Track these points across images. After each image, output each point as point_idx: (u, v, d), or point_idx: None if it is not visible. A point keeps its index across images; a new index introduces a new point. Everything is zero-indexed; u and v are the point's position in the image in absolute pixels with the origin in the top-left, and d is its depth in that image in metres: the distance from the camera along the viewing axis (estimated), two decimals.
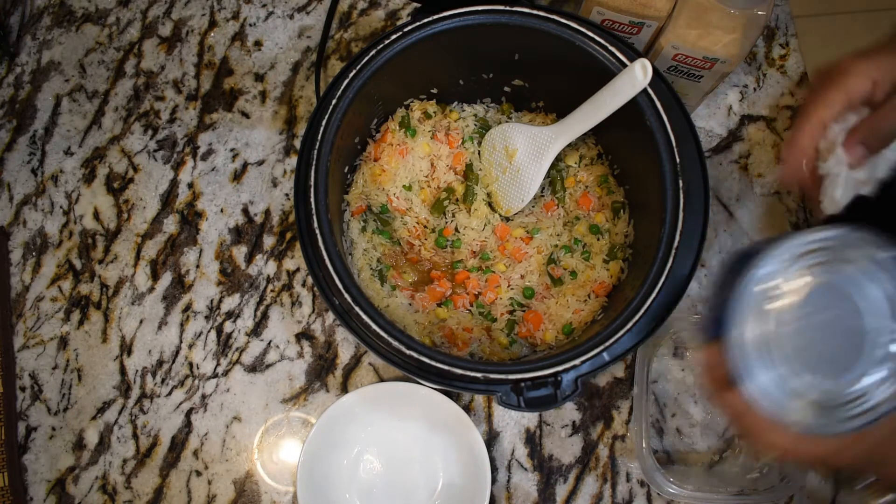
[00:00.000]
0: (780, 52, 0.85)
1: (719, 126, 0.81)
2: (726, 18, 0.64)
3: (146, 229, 0.80)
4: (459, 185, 0.73)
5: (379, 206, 0.71)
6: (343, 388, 0.74)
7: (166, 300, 0.77)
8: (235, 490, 0.72)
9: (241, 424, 0.74)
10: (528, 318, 0.67)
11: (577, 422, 0.73)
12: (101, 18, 0.88)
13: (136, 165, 0.82)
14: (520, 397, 0.53)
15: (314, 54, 0.85)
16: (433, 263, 0.72)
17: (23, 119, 0.85)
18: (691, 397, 0.72)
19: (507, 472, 0.72)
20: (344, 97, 0.59)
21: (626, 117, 0.60)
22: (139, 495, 0.72)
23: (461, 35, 0.62)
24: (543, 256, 0.70)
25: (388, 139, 0.71)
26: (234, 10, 0.88)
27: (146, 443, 0.73)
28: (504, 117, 0.75)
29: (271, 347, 0.76)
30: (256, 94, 0.84)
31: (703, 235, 0.58)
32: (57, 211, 0.81)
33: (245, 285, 0.77)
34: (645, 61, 0.57)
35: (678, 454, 0.71)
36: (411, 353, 0.53)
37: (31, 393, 0.75)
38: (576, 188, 0.72)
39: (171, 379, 0.75)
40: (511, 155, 0.70)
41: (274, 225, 0.80)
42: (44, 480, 0.73)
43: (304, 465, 0.67)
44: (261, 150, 0.82)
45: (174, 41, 0.87)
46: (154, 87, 0.85)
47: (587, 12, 0.70)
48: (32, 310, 0.78)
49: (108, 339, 0.77)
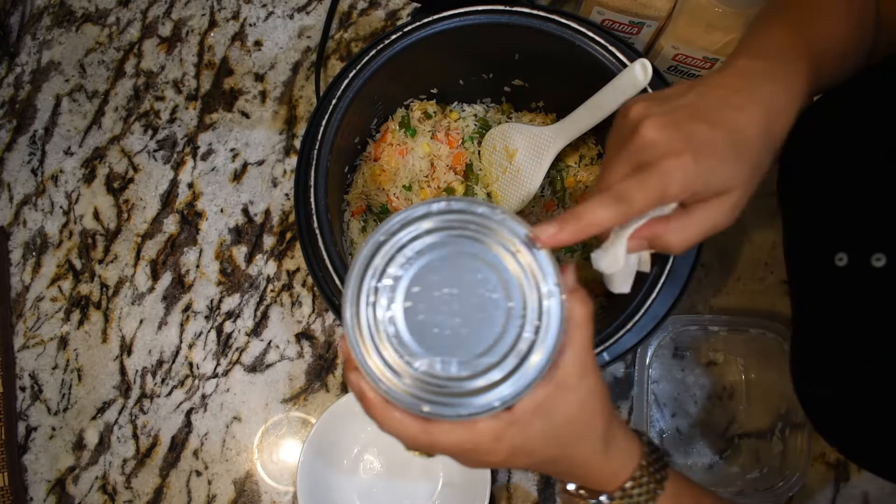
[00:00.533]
0: None
1: None
2: (726, 18, 0.64)
3: (146, 229, 0.80)
4: (459, 185, 0.73)
5: (379, 206, 0.71)
6: (343, 388, 0.74)
7: (166, 300, 0.77)
8: (235, 490, 0.72)
9: (241, 424, 0.74)
10: None
11: None
12: (101, 18, 0.88)
13: (136, 165, 0.82)
14: None
15: (314, 54, 0.85)
16: None
17: (23, 119, 0.85)
18: (691, 397, 0.72)
19: (507, 472, 0.72)
20: (344, 97, 0.59)
21: None
22: (139, 495, 0.72)
23: (461, 35, 0.62)
24: None
25: (388, 139, 0.71)
26: (234, 10, 0.88)
27: (146, 443, 0.73)
28: (504, 117, 0.75)
29: (271, 347, 0.76)
30: (256, 94, 0.84)
31: None
32: (57, 211, 0.81)
33: (245, 285, 0.77)
34: (645, 61, 0.57)
35: (678, 454, 0.71)
36: None
37: (31, 393, 0.75)
38: (576, 188, 0.72)
39: (171, 379, 0.75)
40: (511, 155, 0.70)
41: (274, 225, 0.80)
42: (44, 480, 0.73)
43: (304, 465, 0.67)
44: (261, 150, 0.82)
45: (174, 41, 0.87)
46: (154, 87, 0.85)
47: (587, 12, 0.70)
48: (32, 310, 0.78)
49: (108, 339, 0.77)
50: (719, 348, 0.73)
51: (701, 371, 0.72)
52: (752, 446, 0.70)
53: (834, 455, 0.71)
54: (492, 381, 0.37)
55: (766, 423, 0.70)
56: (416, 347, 0.38)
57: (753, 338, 0.71)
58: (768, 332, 0.70)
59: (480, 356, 0.37)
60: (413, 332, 0.38)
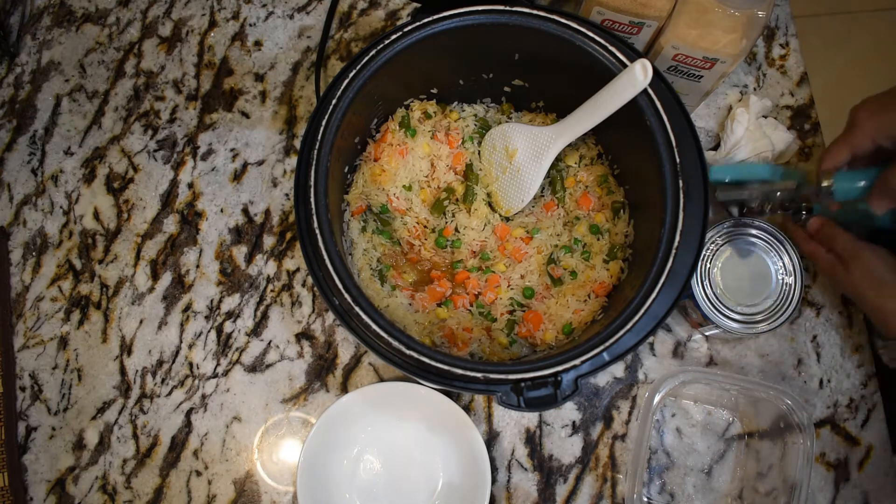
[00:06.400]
0: (780, 52, 0.85)
1: (719, 126, 0.81)
2: (726, 18, 0.64)
3: (146, 229, 0.80)
4: (459, 185, 0.73)
5: (379, 206, 0.71)
6: (343, 388, 0.74)
7: (166, 300, 0.77)
8: (235, 490, 0.72)
9: (241, 424, 0.74)
10: (528, 318, 0.67)
11: (577, 422, 0.73)
12: (101, 18, 0.88)
13: (136, 165, 0.82)
14: (520, 397, 0.53)
15: (314, 54, 0.85)
16: (433, 263, 0.72)
17: (23, 119, 0.85)
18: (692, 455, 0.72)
19: (507, 472, 0.72)
20: (344, 97, 0.59)
21: (627, 117, 0.60)
22: (139, 495, 0.72)
23: (461, 35, 0.62)
24: (543, 256, 0.70)
25: (388, 139, 0.71)
26: (234, 10, 0.88)
27: (146, 443, 0.73)
28: (504, 117, 0.75)
29: (271, 347, 0.76)
30: (256, 94, 0.84)
31: (702, 235, 0.57)
32: (57, 211, 0.81)
33: (245, 285, 0.77)
34: (645, 61, 0.57)
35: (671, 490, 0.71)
36: (411, 353, 0.53)
37: (31, 393, 0.75)
38: (576, 188, 0.72)
39: (171, 379, 0.75)
40: (511, 155, 0.70)
41: (274, 225, 0.80)
42: (44, 480, 0.73)
43: (304, 465, 0.67)
44: (261, 150, 0.82)
45: (174, 41, 0.87)
46: (154, 87, 0.85)
47: (587, 12, 0.70)
48: (32, 310, 0.78)
49: (108, 339, 0.77)
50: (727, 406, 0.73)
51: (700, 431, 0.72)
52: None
53: (834, 455, 0.71)
54: None
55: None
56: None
57: (764, 401, 0.69)
58: (783, 397, 0.66)
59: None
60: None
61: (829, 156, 0.63)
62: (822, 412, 0.72)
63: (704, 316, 0.68)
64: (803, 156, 0.80)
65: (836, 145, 0.63)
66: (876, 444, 0.71)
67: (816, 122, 0.82)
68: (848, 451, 0.71)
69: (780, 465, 0.67)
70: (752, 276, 0.69)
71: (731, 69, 0.69)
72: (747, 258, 0.69)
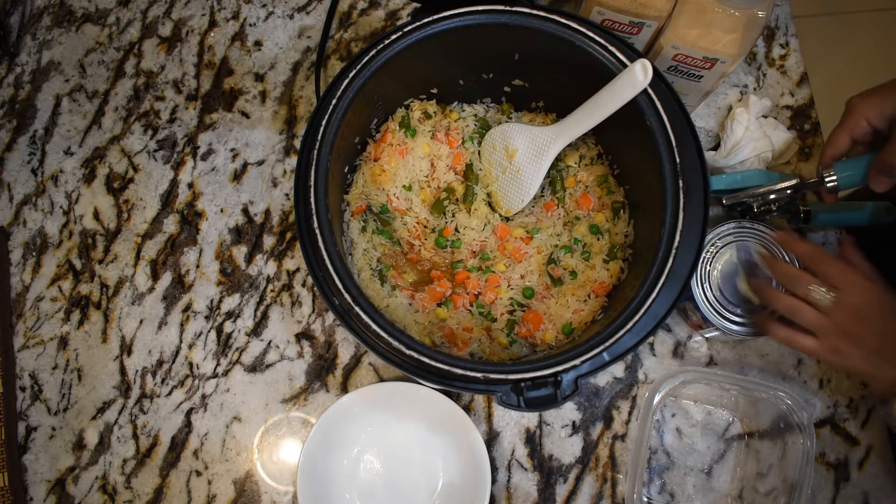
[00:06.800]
0: (780, 52, 0.85)
1: (719, 126, 0.81)
2: (726, 18, 0.64)
3: (146, 229, 0.80)
4: (459, 185, 0.73)
5: (379, 206, 0.71)
6: (343, 388, 0.74)
7: (166, 300, 0.77)
8: (235, 490, 0.72)
9: (241, 424, 0.74)
10: (528, 318, 0.67)
11: (577, 422, 0.73)
12: (101, 18, 0.88)
13: (136, 165, 0.82)
14: (520, 397, 0.53)
15: (314, 54, 0.85)
16: (433, 263, 0.72)
17: (23, 119, 0.85)
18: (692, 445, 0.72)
19: (507, 472, 0.72)
20: (344, 97, 0.59)
21: (627, 117, 0.60)
22: (139, 495, 0.72)
23: (461, 35, 0.62)
24: (543, 256, 0.70)
25: (388, 139, 0.71)
26: (234, 10, 0.88)
27: (146, 443, 0.73)
28: (504, 117, 0.75)
29: (271, 347, 0.76)
30: (256, 94, 0.84)
31: (702, 236, 0.57)
32: (57, 211, 0.81)
33: (245, 285, 0.77)
34: (645, 61, 0.57)
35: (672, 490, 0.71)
36: (411, 353, 0.53)
37: (31, 393, 0.75)
38: (576, 188, 0.72)
39: (171, 379, 0.75)
40: (511, 155, 0.70)
41: (274, 225, 0.80)
42: (44, 480, 0.73)
43: (304, 465, 0.67)
44: (261, 150, 0.82)
45: (174, 41, 0.87)
46: (154, 87, 0.85)
47: (587, 12, 0.70)
48: (32, 310, 0.78)
49: (108, 339, 0.77)
50: (727, 406, 0.72)
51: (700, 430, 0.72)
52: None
53: (834, 455, 0.71)
54: None
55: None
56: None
57: (764, 401, 0.69)
58: (783, 397, 0.66)
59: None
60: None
61: (829, 145, 0.65)
62: (822, 412, 0.72)
63: (704, 318, 0.67)
64: (803, 156, 0.80)
65: (835, 134, 0.64)
66: (876, 444, 0.71)
67: (816, 121, 0.82)
68: (848, 451, 0.71)
69: (780, 465, 0.67)
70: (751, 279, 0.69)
71: (731, 69, 0.69)
72: (747, 261, 0.69)
